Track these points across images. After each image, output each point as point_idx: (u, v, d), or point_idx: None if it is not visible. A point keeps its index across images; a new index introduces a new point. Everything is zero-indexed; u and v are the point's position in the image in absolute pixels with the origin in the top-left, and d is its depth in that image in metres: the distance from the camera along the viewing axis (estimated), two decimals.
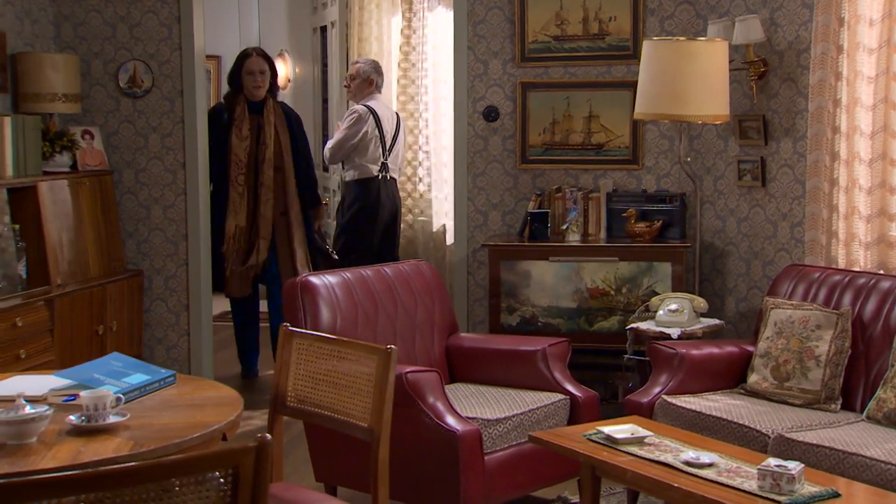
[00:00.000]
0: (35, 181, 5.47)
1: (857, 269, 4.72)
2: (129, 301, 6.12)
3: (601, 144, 5.88)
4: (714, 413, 4.16)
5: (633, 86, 5.74)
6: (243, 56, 6.56)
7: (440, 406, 4.02)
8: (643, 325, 5.04)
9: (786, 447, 3.79)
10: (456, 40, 6.12)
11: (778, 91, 5.26)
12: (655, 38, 5.18)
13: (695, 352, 4.55)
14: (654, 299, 5.14)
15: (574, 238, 5.69)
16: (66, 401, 2.85)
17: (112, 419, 2.67)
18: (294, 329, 3.07)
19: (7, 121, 5.39)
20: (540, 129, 5.96)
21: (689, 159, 5.48)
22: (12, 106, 5.86)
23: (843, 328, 4.32)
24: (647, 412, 4.36)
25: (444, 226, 8.15)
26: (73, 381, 2.94)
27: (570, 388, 4.54)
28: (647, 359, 5.03)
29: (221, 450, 1.92)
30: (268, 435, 1.96)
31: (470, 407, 4.23)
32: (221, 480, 1.90)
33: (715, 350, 4.62)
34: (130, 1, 6.28)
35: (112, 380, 2.91)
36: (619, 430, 3.61)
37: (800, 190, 5.17)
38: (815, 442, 3.75)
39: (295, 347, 3.04)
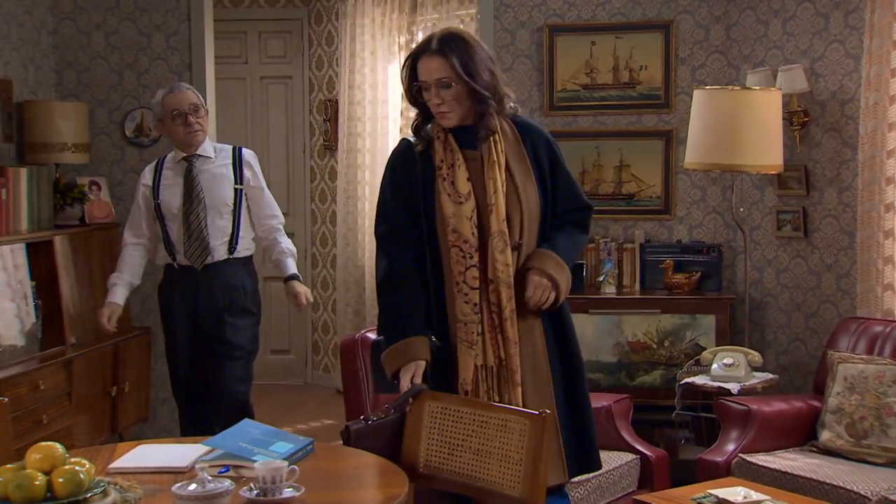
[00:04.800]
0: (51, 236, 5.17)
1: None
2: (138, 360, 5.81)
3: (632, 194, 5.76)
4: (801, 473, 4.01)
5: (665, 135, 5.68)
6: (412, 55, 3.15)
7: None
8: (698, 380, 4.88)
9: None
10: None
11: (820, 141, 5.20)
12: (708, 87, 5.09)
13: (766, 408, 4.42)
14: (705, 353, 5.00)
15: (610, 290, 5.54)
16: (222, 472, 2.59)
17: (286, 493, 2.41)
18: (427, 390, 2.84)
19: (23, 172, 5.09)
20: None
21: (741, 209, 5.37)
22: (17, 156, 5.54)
23: None
24: (723, 471, 4.20)
25: None
26: (221, 450, 2.67)
27: (639, 447, 4.37)
28: (702, 414, 4.90)
29: None
30: None
31: None
32: None
33: (784, 406, 4.50)
34: (138, 48, 6.03)
35: (261, 449, 2.65)
36: (731, 492, 3.45)
37: (846, 240, 5.10)
38: None
39: (427, 411, 2.81)
